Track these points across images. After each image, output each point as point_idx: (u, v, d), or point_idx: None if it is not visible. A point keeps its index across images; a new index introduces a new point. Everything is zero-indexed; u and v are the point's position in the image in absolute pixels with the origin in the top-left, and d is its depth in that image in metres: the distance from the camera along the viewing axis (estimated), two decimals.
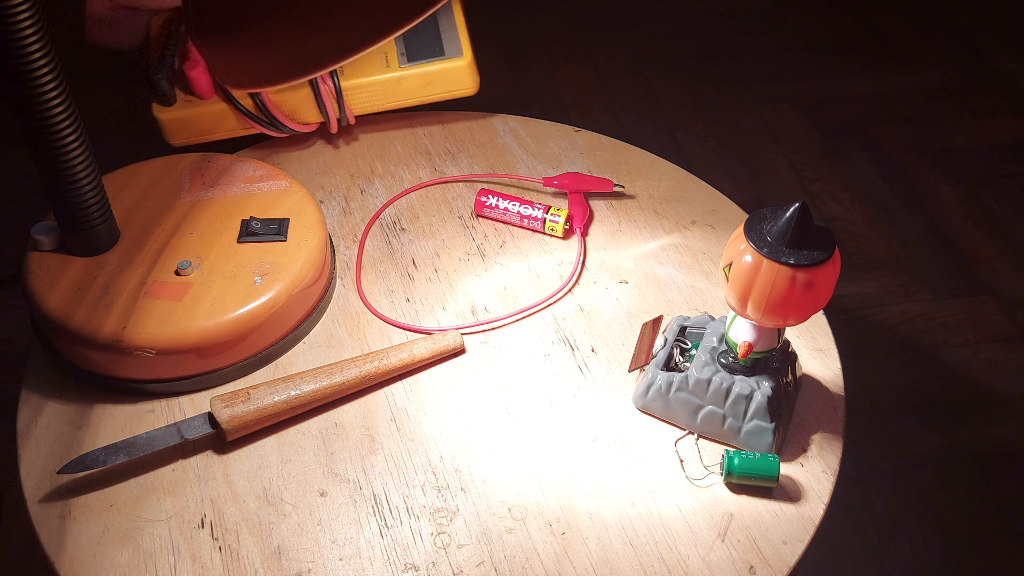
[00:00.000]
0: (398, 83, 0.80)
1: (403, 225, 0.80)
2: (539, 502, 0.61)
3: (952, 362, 1.28)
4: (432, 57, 0.80)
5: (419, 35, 0.81)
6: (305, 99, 0.79)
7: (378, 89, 0.80)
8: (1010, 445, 1.19)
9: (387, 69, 0.79)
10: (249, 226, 0.71)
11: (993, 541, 1.10)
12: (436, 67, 0.79)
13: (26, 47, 0.56)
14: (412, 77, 0.80)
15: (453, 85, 0.80)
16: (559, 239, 0.78)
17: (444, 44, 0.80)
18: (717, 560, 0.59)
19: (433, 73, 0.79)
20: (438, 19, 0.82)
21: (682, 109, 1.66)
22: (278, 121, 0.79)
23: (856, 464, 1.15)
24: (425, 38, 0.81)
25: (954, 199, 1.52)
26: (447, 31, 0.81)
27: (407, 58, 0.80)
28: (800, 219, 0.55)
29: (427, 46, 0.80)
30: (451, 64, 0.79)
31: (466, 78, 0.80)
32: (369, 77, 0.80)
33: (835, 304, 0.76)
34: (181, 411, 0.66)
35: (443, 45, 0.80)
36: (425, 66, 0.79)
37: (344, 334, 0.71)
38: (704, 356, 0.63)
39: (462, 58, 0.80)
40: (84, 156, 0.62)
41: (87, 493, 0.61)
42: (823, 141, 1.61)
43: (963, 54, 1.81)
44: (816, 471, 0.63)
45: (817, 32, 1.86)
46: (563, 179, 0.81)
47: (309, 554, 0.58)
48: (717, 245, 0.78)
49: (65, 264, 0.67)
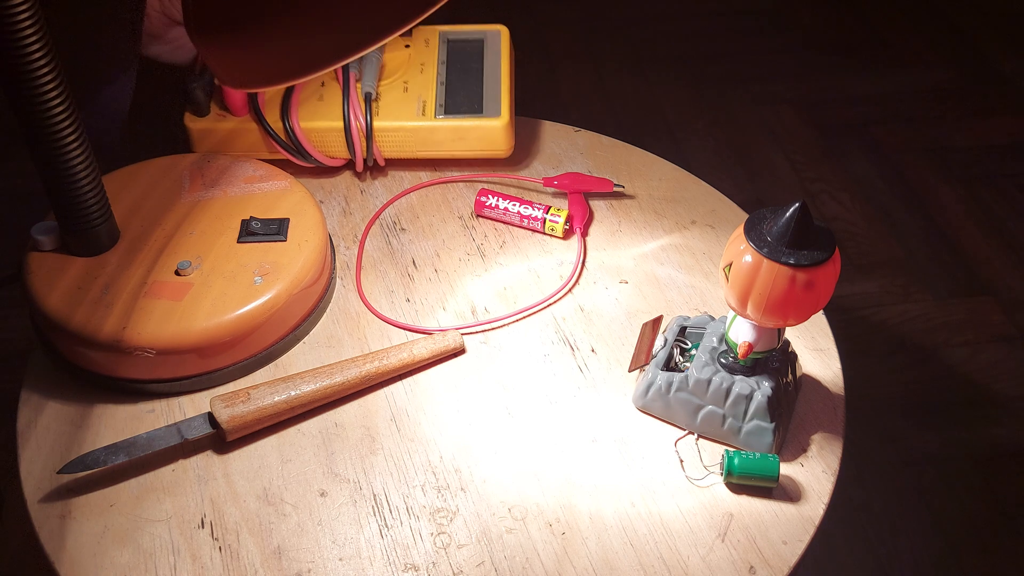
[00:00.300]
0: (431, 133, 0.79)
1: (403, 225, 0.80)
2: (539, 502, 0.61)
3: (952, 362, 1.28)
4: (469, 113, 0.79)
5: (461, 89, 0.80)
6: (336, 133, 0.79)
7: (410, 136, 0.79)
8: (1009, 445, 1.19)
9: (422, 117, 0.79)
10: (249, 226, 0.71)
11: (993, 541, 1.10)
12: (471, 123, 0.78)
13: (26, 47, 0.56)
14: (445, 129, 0.79)
15: (486, 144, 0.79)
16: (559, 239, 0.78)
17: (484, 102, 0.79)
18: (717, 560, 0.59)
19: (467, 129, 0.79)
20: (484, 76, 0.81)
21: (682, 109, 1.66)
22: (305, 151, 0.79)
23: (856, 464, 1.15)
24: (467, 93, 0.80)
25: (954, 199, 1.52)
26: (490, 90, 0.80)
27: (444, 110, 0.79)
28: (800, 219, 0.55)
29: (467, 101, 0.80)
30: (486, 123, 0.78)
31: (500, 139, 0.79)
32: (402, 122, 0.79)
33: (835, 304, 0.76)
34: (181, 411, 0.66)
35: (483, 103, 0.79)
36: (460, 120, 0.79)
37: (344, 334, 0.71)
38: (704, 356, 0.64)
39: (499, 119, 0.78)
40: (84, 156, 0.62)
41: (87, 493, 0.61)
42: (823, 141, 1.61)
43: (963, 54, 1.81)
44: (816, 471, 0.63)
45: (817, 32, 1.86)
46: (563, 179, 0.81)
47: (309, 554, 0.58)
48: (717, 245, 0.78)
49: (65, 264, 0.67)
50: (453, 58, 0.83)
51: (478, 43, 0.83)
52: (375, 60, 0.80)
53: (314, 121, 0.78)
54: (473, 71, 0.81)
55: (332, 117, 0.78)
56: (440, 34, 0.85)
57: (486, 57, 0.82)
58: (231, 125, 0.79)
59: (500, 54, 0.83)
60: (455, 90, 0.80)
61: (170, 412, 0.66)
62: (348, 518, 0.60)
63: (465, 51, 0.84)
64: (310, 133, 0.78)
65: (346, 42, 0.61)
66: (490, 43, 0.84)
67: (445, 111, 0.79)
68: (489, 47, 0.83)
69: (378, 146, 0.80)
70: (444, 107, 0.79)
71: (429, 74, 0.81)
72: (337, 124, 0.78)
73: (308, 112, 0.79)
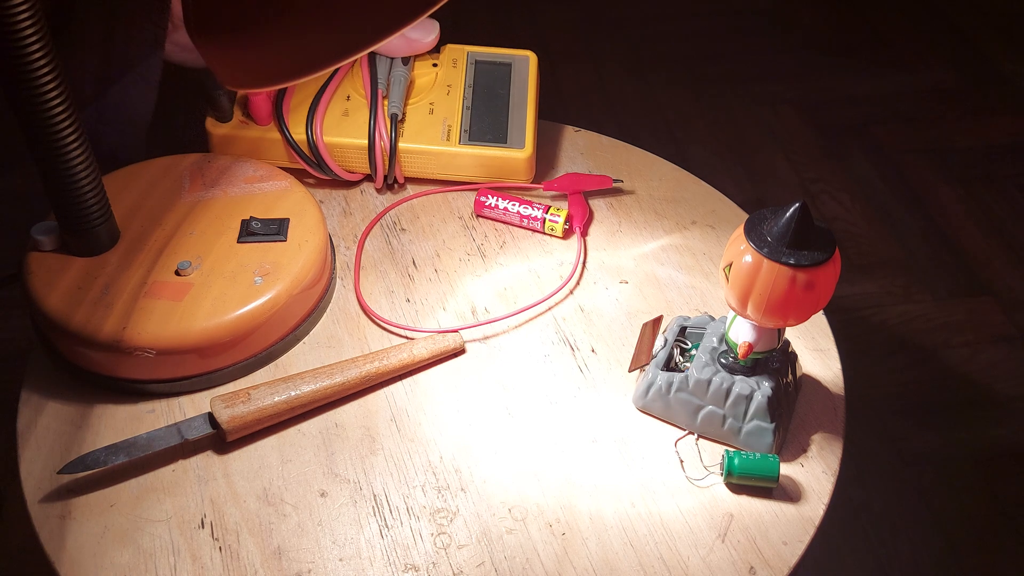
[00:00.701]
0: (453, 158, 0.79)
1: (403, 225, 0.80)
2: (539, 502, 0.61)
3: (952, 362, 1.28)
4: (493, 142, 0.79)
5: (487, 115, 0.80)
6: (358, 150, 0.79)
7: (432, 159, 0.79)
8: (1009, 445, 1.19)
9: (446, 142, 0.79)
10: (249, 226, 0.71)
11: (993, 541, 1.10)
12: (493, 152, 0.78)
13: (26, 47, 0.56)
14: (468, 156, 0.79)
15: (507, 174, 0.79)
16: (559, 239, 0.78)
17: (509, 133, 0.79)
18: (717, 560, 0.59)
19: (489, 157, 0.79)
20: (510, 104, 0.81)
21: (682, 109, 1.66)
22: (326, 164, 0.79)
23: (856, 464, 1.15)
24: (492, 120, 0.80)
25: (954, 199, 1.52)
26: (516, 121, 0.80)
27: (469, 136, 0.79)
28: (800, 219, 0.55)
29: (492, 130, 0.80)
30: (509, 153, 0.78)
31: (521, 170, 0.79)
32: (427, 145, 0.79)
33: (835, 304, 0.76)
34: (181, 411, 0.66)
35: (508, 133, 0.79)
36: (483, 148, 0.79)
37: (344, 334, 0.71)
38: (704, 356, 0.64)
39: (522, 151, 0.78)
40: (84, 156, 0.62)
41: (87, 493, 0.61)
42: (823, 141, 1.61)
43: (963, 54, 1.81)
44: (816, 471, 0.63)
45: (817, 32, 1.86)
46: (562, 181, 0.81)
47: (309, 554, 0.58)
48: (717, 245, 0.78)
49: (65, 264, 0.67)
50: (480, 81, 0.83)
51: (506, 68, 0.84)
52: (403, 79, 0.80)
53: (338, 137, 0.78)
54: (500, 97, 0.81)
55: (356, 134, 0.78)
56: (468, 55, 0.85)
57: (513, 83, 0.83)
58: (253, 133, 0.79)
59: (527, 81, 0.83)
60: (480, 116, 0.80)
61: (170, 412, 0.66)
62: (348, 518, 0.60)
63: (492, 75, 0.84)
64: (333, 148, 0.78)
65: (346, 42, 0.61)
66: (518, 69, 0.84)
67: (470, 137, 0.79)
68: (516, 73, 0.83)
69: (400, 165, 0.80)
70: (469, 133, 0.79)
71: (455, 97, 0.82)
72: (360, 142, 0.78)
73: (332, 126, 0.79)
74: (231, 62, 0.63)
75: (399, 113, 0.79)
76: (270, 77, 0.64)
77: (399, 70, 0.80)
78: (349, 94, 0.81)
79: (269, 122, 0.79)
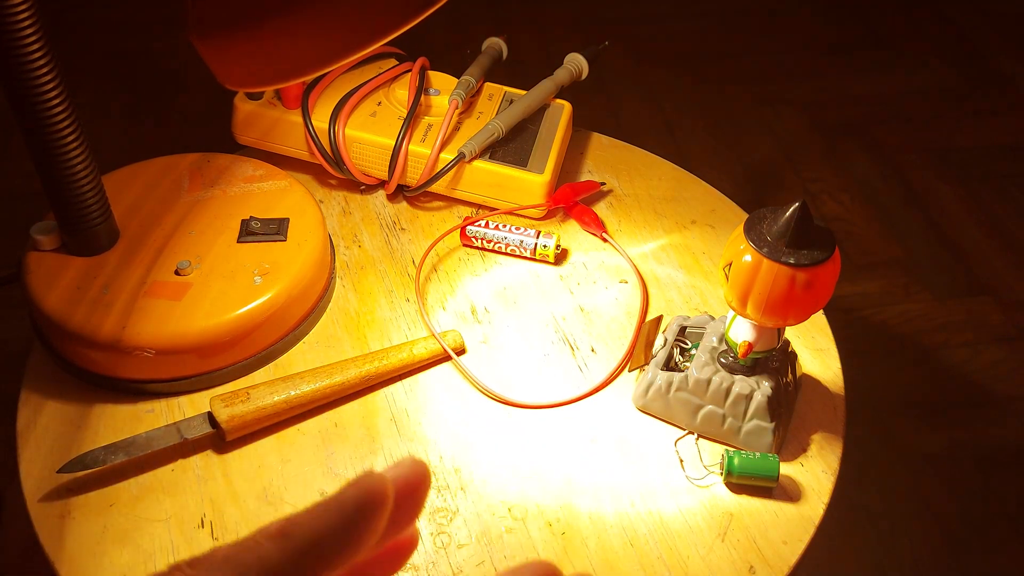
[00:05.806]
0: (471, 173, 0.78)
1: (403, 225, 0.80)
2: (539, 502, 0.61)
3: (952, 362, 1.28)
4: (513, 164, 0.78)
5: (512, 142, 0.80)
6: (379, 154, 0.78)
7: (451, 173, 0.79)
8: (1010, 445, 1.19)
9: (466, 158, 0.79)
10: (249, 226, 0.71)
11: (993, 541, 1.10)
12: (511, 173, 0.78)
13: (26, 47, 0.56)
14: (486, 173, 0.78)
15: (521, 198, 0.79)
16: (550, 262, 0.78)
17: (531, 157, 0.79)
18: (717, 560, 0.59)
19: (506, 177, 0.78)
20: (538, 141, 0.80)
21: (682, 109, 1.66)
22: (344, 163, 0.79)
23: (856, 464, 1.15)
24: (516, 147, 0.80)
25: (954, 199, 1.52)
26: (540, 148, 0.80)
27: (490, 155, 0.79)
28: (800, 219, 0.55)
29: (513, 152, 0.79)
30: (528, 177, 0.77)
31: (537, 196, 0.78)
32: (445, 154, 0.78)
33: (835, 304, 0.75)
34: (181, 411, 0.66)
35: (529, 158, 0.79)
36: (502, 168, 0.78)
37: (344, 334, 0.71)
38: (704, 356, 0.63)
39: (541, 176, 0.78)
40: (84, 156, 0.62)
41: (87, 493, 0.61)
42: (823, 141, 1.61)
43: (963, 54, 1.81)
44: (816, 471, 0.63)
45: (817, 32, 1.86)
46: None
47: None
48: (717, 245, 0.78)
49: (65, 264, 0.67)
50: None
51: (540, 109, 0.83)
52: (492, 131, 0.79)
53: (361, 131, 0.78)
54: (528, 131, 0.81)
55: (382, 133, 0.78)
56: (505, 93, 0.84)
57: (543, 123, 0.82)
58: (279, 114, 0.80)
59: (558, 124, 0.82)
60: (506, 141, 0.80)
61: (170, 412, 0.66)
62: None
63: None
64: (352, 142, 0.78)
65: (345, 42, 0.61)
66: (552, 112, 0.83)
67: (491, 156, 0.79)
68: (549, 115, 0.83)
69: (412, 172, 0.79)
70: (491, 153, 0.79)
71: (484, 122, 0.81)
72: (386, 140, 0.78)
73: (358, 122, 0.79)
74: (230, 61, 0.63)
75: (467, 155, 0.78)
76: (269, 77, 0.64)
77: (493, 123, 0.79)
78: (380, 100, 0.81)
79: (296, 105, 0.79)
